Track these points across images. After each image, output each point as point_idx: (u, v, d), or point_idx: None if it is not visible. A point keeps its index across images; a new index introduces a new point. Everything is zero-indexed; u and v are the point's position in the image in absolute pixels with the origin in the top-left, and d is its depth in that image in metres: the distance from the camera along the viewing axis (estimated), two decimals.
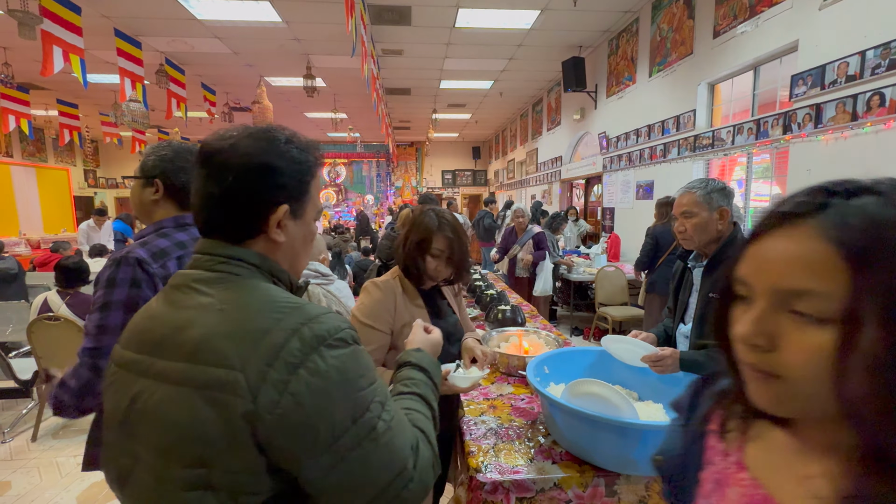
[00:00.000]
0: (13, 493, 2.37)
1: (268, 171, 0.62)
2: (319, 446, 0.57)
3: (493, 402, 1.57)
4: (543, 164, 8.84)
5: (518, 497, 1.13)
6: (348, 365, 0.60)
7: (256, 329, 0.57)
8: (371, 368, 0.64)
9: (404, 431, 0.64)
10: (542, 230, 4.59)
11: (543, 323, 2.58)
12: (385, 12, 4.98)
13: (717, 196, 1.46)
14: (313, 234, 0.71)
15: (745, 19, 3.63)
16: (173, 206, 1.20)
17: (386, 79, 7.47)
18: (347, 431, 0.58)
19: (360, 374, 0.61)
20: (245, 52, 6.14)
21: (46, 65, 3.24)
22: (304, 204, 0.67)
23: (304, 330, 0.58)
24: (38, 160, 10.17)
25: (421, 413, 0.73)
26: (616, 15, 5.29)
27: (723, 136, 3.94)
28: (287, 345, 0.56)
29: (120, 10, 4.80)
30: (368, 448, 0.59)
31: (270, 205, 0.63)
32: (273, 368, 0.55)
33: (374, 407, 0.61)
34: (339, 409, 0.58)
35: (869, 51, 2.63)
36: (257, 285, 0.63)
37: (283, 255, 0.67)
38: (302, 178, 0.66)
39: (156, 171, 1.18)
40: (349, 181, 14.52)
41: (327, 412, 0.57)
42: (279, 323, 0.58)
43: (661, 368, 1.35)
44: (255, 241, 0.65)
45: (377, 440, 0.59)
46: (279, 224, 0.64)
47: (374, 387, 0.62)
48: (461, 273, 1.47)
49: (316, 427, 0.56)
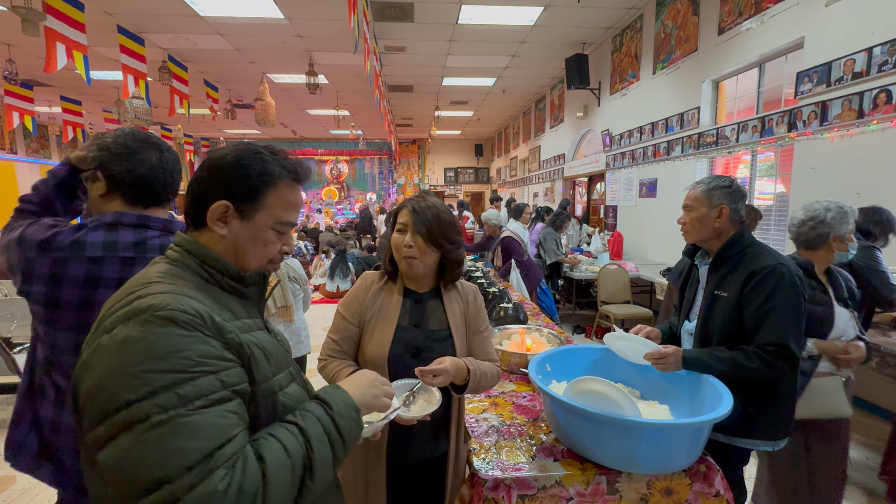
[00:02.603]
0: (17, 487, 2.38)
1: (219, 171, 0.70)
2: (94, 417, 0.55)
3: (494, 400, 1.57)
4: (546, 162, 8.82)
5: (520, 494, 1.13)
6: (152, 341, 0.56)
7: (115, 298, 0.64)
8: (190, 358, 0.57)
9: (198, 438, 0.54)
10: (511, 236, 4.13)
11: (545, 321, 2.58)
12: (387, 9, 4.96)
13: (718, 193, 1.45)
14: (266, 241, 0.74)
15: (750, 16, 3.60)
16: (120, 201, 1.05)
17: (388, 76, 7.45)
18: (119, 411, 0.54)
19: (160, 356, 0.56)
20: (248, 48, 6.14)
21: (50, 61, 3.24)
22: (252, 207, 0.71)
23: (135, 301, 0.60)
24: (41, 157, 10.21)
25: (282, 443, 0.62)
26: (620, 11, 5.25)
27: (727, 133, 3.92)
28: (115, 312, 0.60)
29: (123, 7, 4.80)
30: (133, 437, 0.53)
31: (211, 198, 0.70)
32: (94, 332, 0.61)
33: (166, 398, 0.54)
34: (122, 383, 0.55)
35: (876, 48, 2.61)
36: (158, 264, 0.70)
37: (227, 249, 0.72)
38: (253, 184, 0.71)
39: (94, 161, 1.04)
40: (351, 179, 14.52)
41: (110, 382, 0.55)
42: (127, 294, 0.63)
43: (664, 366, 1.35)
44: (203, 230, 0.72)
45: (145, 432, 0.53)
46: (222, 218, 0.70)
47: (178, 377, 0.56)
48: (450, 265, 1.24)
49: (97, 395, 0.55)
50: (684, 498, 1.17)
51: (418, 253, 1.18)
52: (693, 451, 1.15)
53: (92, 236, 1.00)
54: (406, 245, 1.17)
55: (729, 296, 1.41)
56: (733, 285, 1.41)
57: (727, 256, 1.46)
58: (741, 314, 1.39)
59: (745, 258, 1.42)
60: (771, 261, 1.37)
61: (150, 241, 1.04)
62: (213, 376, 0.59)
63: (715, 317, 1.45)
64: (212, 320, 0.62)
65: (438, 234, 1.18)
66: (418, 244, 1.17)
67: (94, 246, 0.99)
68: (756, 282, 1.36)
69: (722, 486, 1.19)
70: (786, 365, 1.31)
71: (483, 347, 1.29)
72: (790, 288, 1.33)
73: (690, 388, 1.35)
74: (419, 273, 1.21)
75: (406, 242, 1.18)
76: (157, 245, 1.04)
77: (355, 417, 0.74)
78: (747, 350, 1.34)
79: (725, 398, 1.17)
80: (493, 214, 4.37)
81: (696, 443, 1.14)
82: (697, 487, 1.18)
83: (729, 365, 1.32)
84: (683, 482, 1.17)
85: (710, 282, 1.50)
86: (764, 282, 1.35)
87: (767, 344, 1.32)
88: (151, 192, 1.08)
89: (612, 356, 1.49)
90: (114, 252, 1.00)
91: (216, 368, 0.60)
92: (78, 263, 0.98)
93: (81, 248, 0.99)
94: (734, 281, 1.41)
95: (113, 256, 1.00)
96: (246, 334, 0.68)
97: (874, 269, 2.12)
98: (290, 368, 0.77)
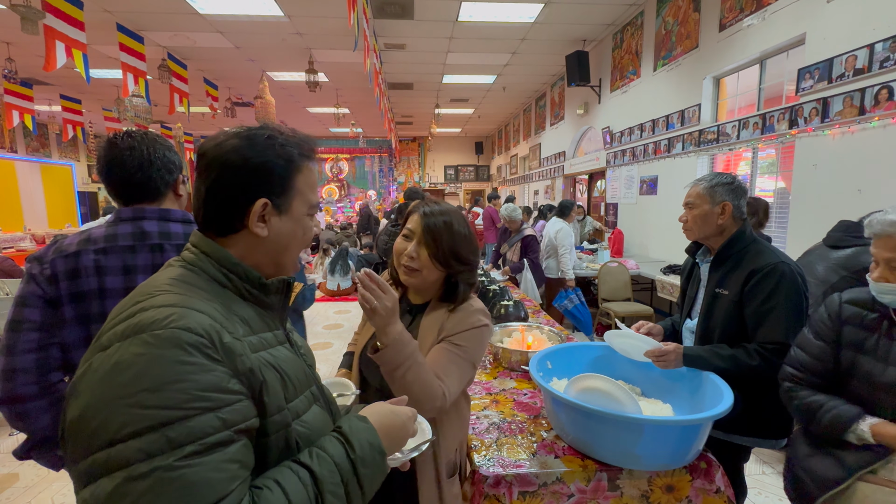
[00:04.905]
0: (21, 484, 2.39)
1: (243, 168, 0.63)
2: (77, 450, 0.48)
3: (495, 397, 1.58)
4: (546, 160, 8.80)
5: (521, 491, 1.14)
6: (145, 368, 0.48)
7: (120, 307, 0.57)
8: (187, 391, 0.49)
9: (184, 499, 0.46)
10: (534, 235, 4.11)
11: (546, 318, 2.58)
12: (387, 6, 4.95)
13: (721, 190, 1.45)
14: (306, 228, 0.69)
15: (751, 12, 3.58)
16: (116, 201, 1.14)
17: (388, 73, 7.44)
18: (101, 449, 0.46)
19: (152, 387, 0.48)
20: (247, 46, 6.13)
21: (49, 60, 3.24)
22: (287, 199, 0.66)
23: (137, 314, 0.53)
24: (42, 155, 10.20)
25: (286, 497, 0.53)
26: (621, 8, 5.24)
27: (728, 130, 3.91)
28: (114, 325, 0.53)
29: (122, 5, 4.79)
30: (112, 485, 0.45)
31: (247, 199, 0.63)
32: (92, 346, 0.53)
33: (151, 441, 0.46)
34: (106, 418, 0.47)
35: (877, 44, 2.60)
36: (172, 268, 0.63)
37: (267, 250, 0.66)
38: (282, 173, 0.65)
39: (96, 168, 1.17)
40: (352, 177, 14.51)
41: (93, 415, 0.47)
42: (131, 304, 0.56)
43: (665, 363, 1.35)
44: (238, 235, 0.65)
45: (126, 484, 0.45)
46: (262, 218, 0.64)
47: (170, 414, 0.47)
48: (455, 283, 1.07)
49: (80, 426, 0.48)
50: (685, 494, 1.18)
51: (420, 266, 1.04)
52: (694, 447, 1.15)
53: (96, 232, 1.09)
54: (408, 255, 1.04)
55: (730, 294, 1.41)
56: (734, 283, 1.41)
57: (729, 254, 1.46)
58: (742, 312, 1.39)
59: (747, 256, 1.42)
60: (772, 259, 1.37)
61: (145, 226, 1.10)
62: (213, 414, 0.50)
63: (716, 314, 1.45)
64: (220, 342, 0.54)
65: (448, 252, 1.03)
66: (422, 258, 1.03)
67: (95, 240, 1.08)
68: (757, 280, 1.36)
69: (723, 482, 1.19)
70: None
71: (438, 357, 1.00)
72: (791, 286, 1.33)
73: (691, 386, 1.35)
74: (417, 285, 1.09)
75: (409, 252, 1.04)
76: (155, 231, 1.10)
77: (380, 463, 0.62)
78: (748, 348, 1.34)
79: (726, 395, 1.17)
80: (513, 210, 4.36)
81: (696, 439, 1.15)
82: (698, 484, 1.18)
83: (729, 362, 1.33)
84: (684, 479, 1.17)
85: (712, 280, 1.50)
86: (765, 280, 1.35)
87: (768, 342, 1.32)
88: (127, 190, 1.12)
89: (613, 353, 1.49)
90: (115, 243, 1.07)
91: (218, 404, 0.50)
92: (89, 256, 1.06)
93: (92, 243, 1.08)
94: (735, 279, 1.41)
95: (115, 247, 1.08)
96: (261, 353, 0.60)
97: None
98: (311, 388, 0.69)
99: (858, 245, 2.16)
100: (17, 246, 6.48)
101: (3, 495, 2.31)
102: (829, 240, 2.31)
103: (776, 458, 2.46)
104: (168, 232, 1.10)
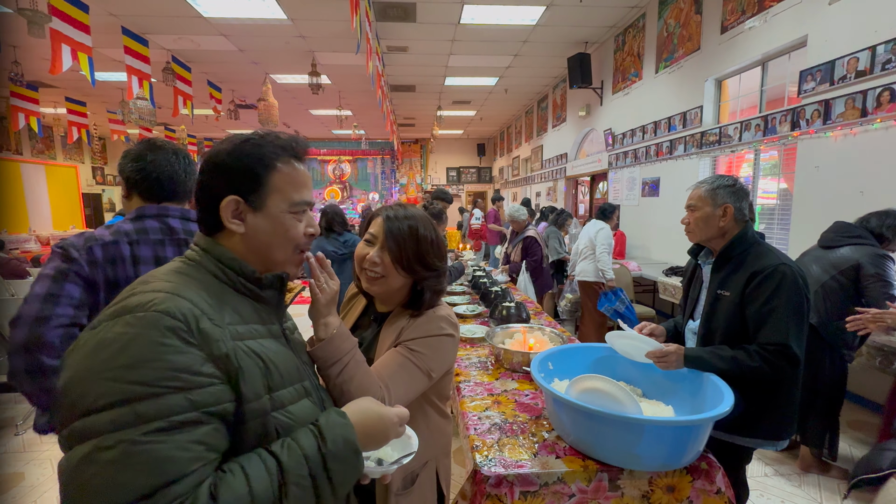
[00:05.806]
0: (27, 483, 2.41)
1: (217, 168, 0.68)
2: (60, 418, 0.51)
3: (497, 398, 1.58)
4: (548, 161, 8.81)
5: (522, 491, 1.14)
6: (125, 346, 0.51)
7: (119, 295, 0.60)
8: (160, 370, 0.51)
9: (144, 473, 0.48)
10: (534, 237, 4.09)
11: (548, 320, 2.59)
12: (390, 9, 4.97)
13: (722, 192, 1.45)
14: (287, 226, 0.70)
15: (753, 14, 3.59)
16: (138, 198, 1.22)
17: (391, 76, 7.47)
18: (79, 418, 0.50)
19: (129, 364, 0.50)
20: (251, 49, 6.17)
21: (55, 63, 3.27)
22: (260, 196, 0.68)
23: (128, 297, 0.57)
24: (47, 158, 10.26)
25: (248, 483, 0.53)
26: (622, 10, 5.25)
27: (730, 132, 3.91)
28: (109, 308, 0.57)
29: (127, 9, 4.83)
30: (83, 453, 0.48)
31: (218, 196, 0.67)
32: (86, 328, 0.57)
33: (121, 414, 0.49)
34: (85, 389, 0.50)
35: (879, 46, 2.60)
36: (172, 262, 0.67)
37: (250, 247, 0.69)
38: (252, 172, 0.67)
39: (118, 169, 1.26)
40: (354, 178, 14.55)
41: (75, 386, 0.51)
42: (128, 291, 0.60)
43: (666, 364, 1.35)
44: (224, 232, 0.69)
45: (95, 453, 0.48)
46: (237, 216, 0.68)
47: (141, 390, 0.50)
48: (421, 290, 1.02)
49: (64, 396, 0.52)
50: (686, 495, 1.18)
51: (384, 272, 0.99)
52: (694, 448, 1.16)
53: (125, 226, 1.16)
54: (371, 261, 0.99)
55: (731, 295, 1.42)
56: (736, 285, 1.41)
57: (730, 256, 1.46)
58: (743, 314, 1.39)
59: (748, 258, 1.43)
60: (773, 261, 1.38)
61: (171, 223, 1.19)
62: (183, 395, 0.51)
63: (718, 316, 1.45)
64: (197, 326, 0.56)
65: (413, 257, 0.98)
66: (385, 263, 0.98)
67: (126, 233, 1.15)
68: (758, 282, 1.36)
69: (723, 483, 1.20)
70: (787, 365, 1.31)
71: (388, 361, 0.94)
72: (792, 288, 1.34)
73: (692, 387, 1.35)
74: (380, 294, 1.03)
75: (371, 258, 0.99)
76: (179, 228, 1.20)
77: (352, 461, 0.62)
78: (749, 349, 1.34)
79: (727, 396, 1.18)
80: (519, 210, 4.36)
81: (696, 440, 1.15)
82: (699, 485, 1.18)
83: (730, 364, 1.33)
84: (685, 479, 1.18)
85: (714, 281, 1.50)
86: (766, 282, 1.35)
87: (769, 343, 1.32)
88: (161, 189, 1.21)
89: (614, 355, 1.50)
90: (146, 236, 1.15)
91: (188, 385, 0.52)
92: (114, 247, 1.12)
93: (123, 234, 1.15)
94: (737, 280, 1.41)
95: (146, 239, 1.15)
96: (246, 342, 0.62)
97: (884, 280, 2.01)
98: (303, 383, 0.70)
99: (850, 244, 2.17)
100: (22, 247, 6.53)
101: (9, 494, 2.33)
102: (823, 241, 2.32)
103: (779, 460, 2.45)
104: (190, 230, 1.22)
